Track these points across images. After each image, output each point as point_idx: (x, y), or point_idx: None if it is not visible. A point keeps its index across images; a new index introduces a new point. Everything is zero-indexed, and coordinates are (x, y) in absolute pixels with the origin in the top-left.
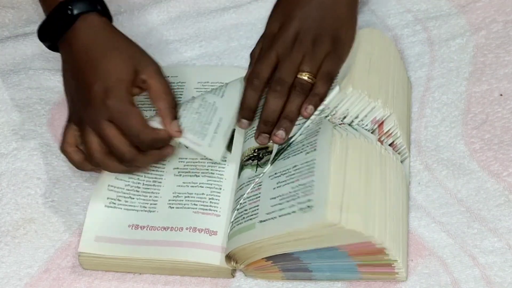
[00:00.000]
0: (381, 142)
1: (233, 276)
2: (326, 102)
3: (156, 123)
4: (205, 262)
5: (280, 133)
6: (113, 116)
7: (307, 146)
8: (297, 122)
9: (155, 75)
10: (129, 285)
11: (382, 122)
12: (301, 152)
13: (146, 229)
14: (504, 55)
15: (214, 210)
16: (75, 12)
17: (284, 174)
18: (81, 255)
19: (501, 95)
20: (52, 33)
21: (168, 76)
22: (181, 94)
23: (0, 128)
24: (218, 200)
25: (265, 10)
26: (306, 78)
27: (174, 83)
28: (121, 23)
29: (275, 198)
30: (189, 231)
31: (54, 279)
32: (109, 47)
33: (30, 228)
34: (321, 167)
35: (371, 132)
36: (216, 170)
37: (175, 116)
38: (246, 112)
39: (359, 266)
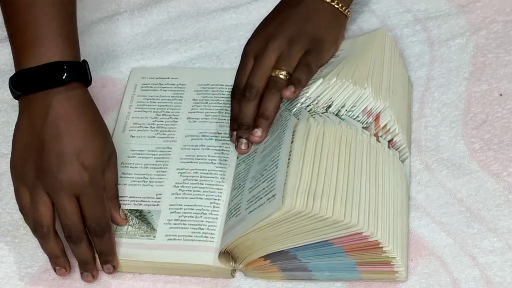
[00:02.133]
0: (377, 137)
1: (233, 276)
2: (308, 93)
3: None
4: (203, 263)
5: (256, 131)
6: (83, 193)
7: (278, 144)
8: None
9: (114, 166)
10: (129, 284)
11: (378, 116)
12: (274, 151)
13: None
14: (504, 55)
15: (211, 233)
16: (67, 78)
17: (261, 173)
18: None
19: (501, 95)
20: (30, 86)
21: (168, 78)
22: (181, 96)
23: (0, 128)
24: (216, 222)
25: (265, 10)
26: (280, 75)
27: (174, 85)
28: (121, 23)
29: (253, 196)
30: (187, 241)
31: (54, 279)
32: (92, 125)
33: None
34: (283, 157)
35: (367, 126)
36: (217, 187)
37: (119, 205)
38: (235, 124)
39: (358, 265)
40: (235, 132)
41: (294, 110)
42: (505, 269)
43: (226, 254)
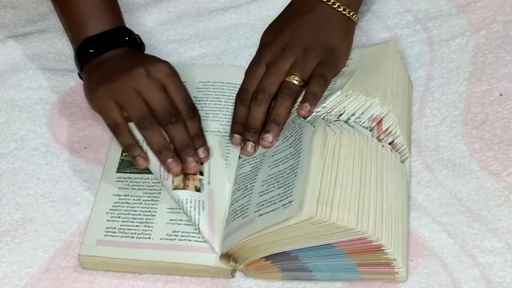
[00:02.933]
0: (380, 140)
1: (233, 276)
2: (325, 104)
3: None
4: (204, 263)
5: (267, 136)
6: (167, 82)
7: (296, 152)
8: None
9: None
10: (129, 284)
11: (381, 120)
12: (292, 158)
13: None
14: (504, 55)
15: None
16: (130, 39)
17: (275, 179)
18: (81, 255)
19: (501, 95)
20: (100, 47)
21: None
22: None
23: (0, 128)
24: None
25: (265, 10)
26: (294, 81)
27: None
28: None
29: (264, 200)
30: (189, 241)
31: (54, 279)
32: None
33: (30, 228)
34: (303, 166)
35: (370, 130)
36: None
37: None
38: (237, 126)
39: (358, 266)
40: (236, 135)
41: (308, 118)
42: (505, 269)
43: (228, 254)
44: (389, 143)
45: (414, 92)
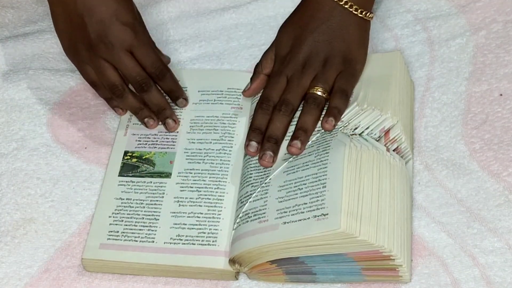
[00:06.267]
0: (388, 150)
1: (237, 279)
2: (344, 118)
3: None
4: (210, 266)
5: (295, 142)
6: (133, 45)
7: (319, 161)
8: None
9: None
10: (129, 285)
11: (389, 130)
12: (314, 167)
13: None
14: (504, 55)
15: (214, 236)
16: None
17: (295, 185)
18: (84, 259)
19: (501, 95)
20: None
21: None
22: None
23: (0, 128)
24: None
25: (265, 10)
26: (318, 92)
27: None
28: None
29: (286, 207)
30: (193, 244)
31: (54, 279)
32: None
33: (30, 228)
34: (334, 178)
35: (378, 140)
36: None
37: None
38: (255, 134)
39: (363, 270)
40: (253, 143)
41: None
42: (505, 269)
43: (234, 258)
44: (394, 149)
45: (414, 92)
